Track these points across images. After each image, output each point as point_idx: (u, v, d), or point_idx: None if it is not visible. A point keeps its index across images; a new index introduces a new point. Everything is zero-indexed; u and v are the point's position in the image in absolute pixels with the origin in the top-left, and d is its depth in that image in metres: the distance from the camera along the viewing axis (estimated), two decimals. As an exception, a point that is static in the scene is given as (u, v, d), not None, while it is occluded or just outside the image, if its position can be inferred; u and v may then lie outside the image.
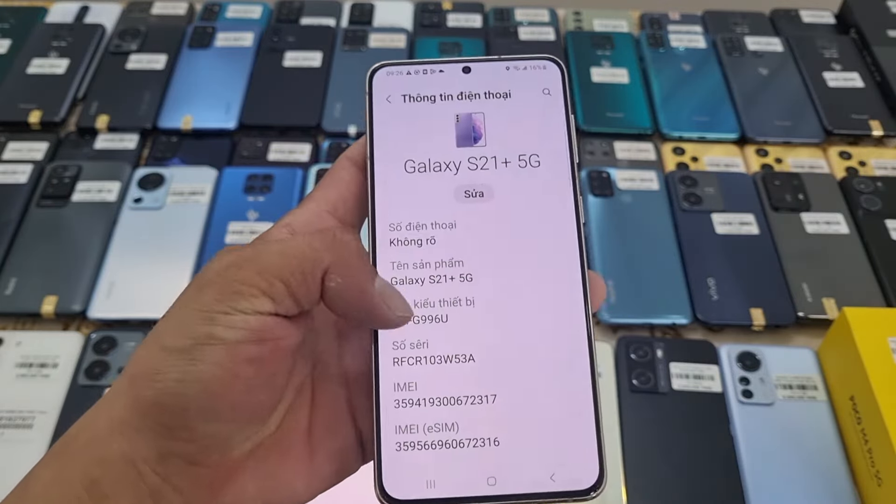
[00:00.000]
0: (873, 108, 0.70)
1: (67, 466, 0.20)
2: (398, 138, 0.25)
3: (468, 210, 0.24)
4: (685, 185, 0.63)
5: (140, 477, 0.20)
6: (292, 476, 0.22)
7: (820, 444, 0.49)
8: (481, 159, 0.25)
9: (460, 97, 0.26)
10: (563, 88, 0.26)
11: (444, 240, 0.24)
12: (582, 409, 0.23)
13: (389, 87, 0.26)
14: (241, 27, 0.77)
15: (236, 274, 0.21)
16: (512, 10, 0.80)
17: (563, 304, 0.23)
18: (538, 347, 0.23)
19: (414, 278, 0.24)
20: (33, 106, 0.69)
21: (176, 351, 0.20)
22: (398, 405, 0.22)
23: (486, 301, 0.23)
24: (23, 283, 0.57)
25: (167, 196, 0.62)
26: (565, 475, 0.22)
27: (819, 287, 0.57)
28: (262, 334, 0.20)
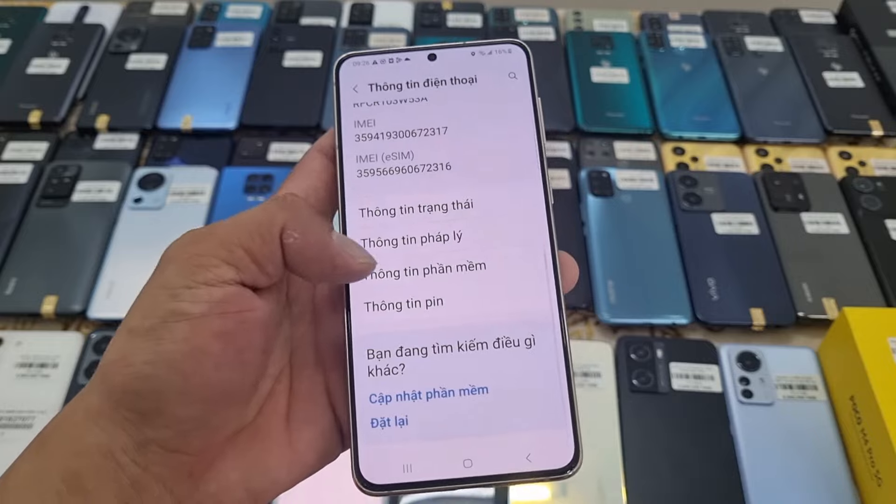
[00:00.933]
0: (873, 108, 0.70)
1: (46, 460, 0.20)
2: (365, 104, 0.26)
3: (438, 196, 0.25)
4: (685, 185, 0.63)
5: (119, 468, 0.20)
6: (274, 463, 0.22)
7: (820, 444, 0.49)
8: (449, 145, 0.25)
9: (426, 84, 0.26)
10: (528, 71, 0.27)
11: (415, 222, 0.24)
12: (555, 388, 0.23)
13: (356, 76, 0.26)
14: (241, 27, 0.77)
15: (196, 248, 0.21)
16: (512, 10, 0.80)
17: (534, 283, 0.24)
18: (509, 327, 0.23)
19: (386, 263, 0.24)
20: (33, 106, 0.69)
21: (142, 332, 0.20)
22: (373, 396, 0.23)
23: (457, 282, 0.24)
24: (23, 283, 0.57)
25: (167, 196, 0.62)
26: (541, 455, 0.22)
27: (819, 287, 0.57)
28: (227, 306, 0.20)
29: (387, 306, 0.23)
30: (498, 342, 0.23)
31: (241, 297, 0.21)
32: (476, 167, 0.25)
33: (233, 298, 0.21)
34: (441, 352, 0.23)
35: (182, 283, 0.20)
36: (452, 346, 0.23)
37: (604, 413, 0.50)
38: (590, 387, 0.52)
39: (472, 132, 0.26)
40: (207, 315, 0.20)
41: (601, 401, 0.51)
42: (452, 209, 0.25)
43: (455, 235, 0.24)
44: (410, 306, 0.23)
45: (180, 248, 0.21)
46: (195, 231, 0.21)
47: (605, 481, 0.47)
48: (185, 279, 0.20)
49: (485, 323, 0.23)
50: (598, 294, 0.56)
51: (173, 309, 0.20)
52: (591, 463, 0.48)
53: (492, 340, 0.23)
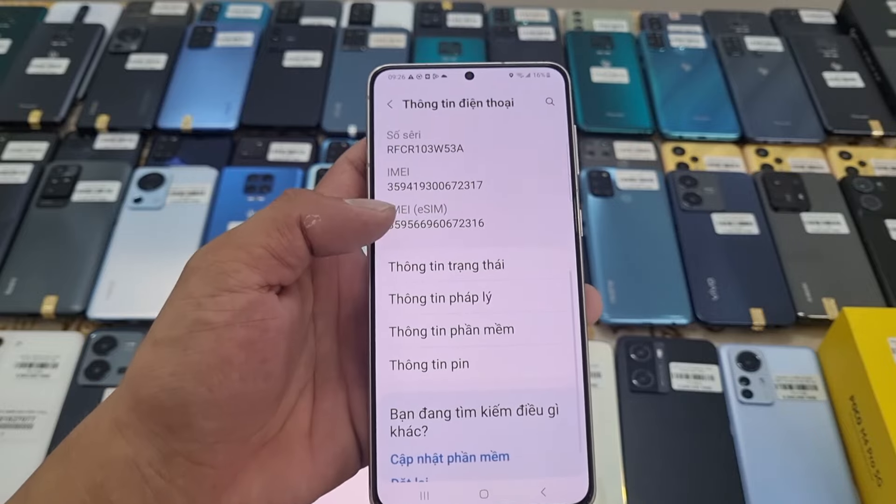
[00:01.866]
0: (873, 108, 0.70)
1: (70, 470, 0.20)
2: (399, 149, 0.25)
3: (469, 254, 0.24)
4: (685, 185, 0.63)
5: (144, 480, 0.20)
6: (295, 477, 0.22)
7: (820, 444, 0.49)
8: (482, 199, 0.25)
9: (462, 104, 0.26)
10: (566, 97, 0.26)
11: (444, 280, 0.24)
12: (574, 424, 0.23)
13: (391, 91, 0.26)
14: (241, 27, 0.77)
15: (216, 255, 0.21)
16: (512, 10, 0.80)
17: (561, 350, 0.24)
18: (534, 394, 0.23)
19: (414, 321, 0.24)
20: (33, 106, 0.69)
21: (168, 343, 0.20)
22: (395, 457, 0.23)
23: (484, 345, 0.24)
24: (23, 283, 0.57)
25: (167, 196, 0.62)
26: (556, 489, 0.22)
27: (819, 287, 0.57)
28: (250, 314, 0.20)
29: (412, 366, 0.23)
30: (522, 409, 0.23)
31: (264, 304, 0.21)
32: (509, 224, 0.24)
33: (256, 306, 0.21)
34: (464, 416, 0.23)
35: (205, 291, 0.20)
36: (476, 411, 0.23)
37: (604, 413, 0.50)
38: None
39: (507, 181, 0.25)
40: (231, 324, 0.20)
41: (601, 401, 0.51)
42: (483, 269, 0.24)
43: (484, 296, 0.24)
44: (436, 367, 0.23)
45: (201, 257, 0.21)
46: (214, 240, 0.22)
47: (605, 481, 0.47)
48: (208, 287, 0.20)
49: (509, 389, 0.23)
50: (598, 294, 0.56)
51: (197, 318, 0.20)
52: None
53: (515, 407, 0.23)
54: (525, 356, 0.23)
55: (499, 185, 0.25)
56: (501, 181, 0.25)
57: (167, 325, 0.20)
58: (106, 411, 0.21)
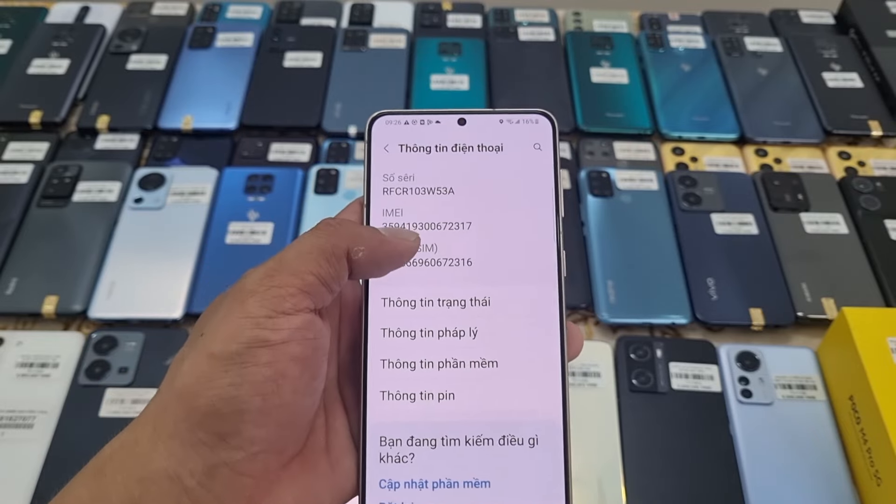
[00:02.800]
0: (872, 109, 0.70)
1: (105, 486, 0.21)
2: (394, 191, 0.27)
3: (457, 292, 0.26)
4: (685, 186, 0.63)
5: (184, 492, 0.20)
6: (321, 489, 0.24)
7: (819, 443, 0.49)
8: (471, 239, 0.26)
9: (454, 149, 0.27)
10: (553, 143, 0.28)
11: (433, 316, 0.26)
12: (553, 455, 0.24)
13: (388, 135, 0.28)
14: (242, 27, 0.77)
15: (272, 281, 0.22)
16: (512, 11, 0.80)
17: (542, 384, 0.25)
18: (515, 426, 0.25)
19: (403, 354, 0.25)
20: (34, 106, 0.69)
21: (227, 356, 0.21)
22: (383, 482, 0.24)
23: (469, 378, 0.25)
24: (23, 282, 0.57)
25: (168, 196, 0.62)
26: None
27: (818, 287, 0.57)
28: (305, 332, 0.22)
29: (401, 396, 0.25)
30: (504, 439, 0.24)
31: (315, 325, 0.23)
32: (496, 263, 0.26)
33: (309, 325, 0.22)
34: (449, 445, 0.24)
35: (263, 313, 0.22)
36: (460, 440, 0.24)
37: (603, 413, 0.50)
38: (589, 387, 0.52)
39: (495, 220, 0.27)
40: (288, 341, 0.22)
41: (601, 400, 0.51)
42: (470, 305, 0.26)
43: (471, 332, 0.25)
44: (424, 398, 0.25)
45: (259, 281, 0.22)
46: (266, 265, 0.23)
47: (604, 481, 0.48)
48: (265, 310, 0.22)
49: (492, 420, 0.25)
50: (597, 294, 0.56)
51: (256, 336, 0.21)
52: (591, 463, 0.48)
53: (498, 437, 0.24)
54: (508, 389, 0.25)
55: (487, 226, 0.27)
56: (489, 223, 0.27)
57: (226, 339, 0.21)
58: (146, 425, 0.21)
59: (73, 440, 0.49)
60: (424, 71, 0.73)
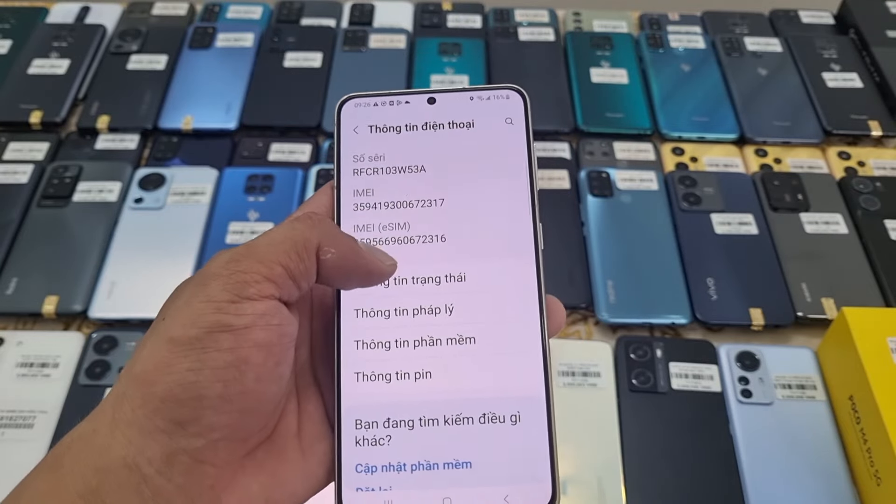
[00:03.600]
0: (872, 109, 0.70)
1: (63, 477, 0.20)
2: (364, 171, 0.27)
3: (431, 269, 0.25)
4: (684, 186, 0.63)
5: (143, 480, 0.20)
6: (290, 476, 0.23)
7: (819, 443, 0.49)
8: (444, 215, 0.26)
9: (424, 127, 0.27)
10: (524, 117, 0.27)
11: (407, 294, 0.25)
12: (537, 431, 0.23)
13: (357, 117, 0.27)
14: (242, 28, 0.77)
15: (237, 266, 0.22)
16: (512, 11, 0.80)
17: (522, 359, 0.24)
18: (496, 402, 0.24)
19: (378, 334, 0.25)
20: (34, 106, 0.69)
21: (186, 341, 0.20)
22: (359, 466, 0.23)
23: (447, 355, 0.24)
24: (24, 282, 0.57)
25: (168, 196, 0.62)
26: (519, 496, 0.23)
27: (818, 287, 0.57)
28: (269, 319, 0.21)
29: (376, 377, 0.24)
30: (484, 417, 0.23)
31: (281, 312, 0.22)
32: (470, 239, 0.25)
33: (274, 312, 0.22)
34: (427, 425, 0.23)
35: (226, 297, 0.21)
36: (438, 420, 0.23)
37: (603, 413, 0.50)
38: (589, 386, 0.52)
39: (468, 195, 0.26)
40: (251, 327, 0.21)
41: (600, 400, 0.51)
42: (445, 282, 0.25)
43: (447, 309, 0.25)
44: (399, 378, 0.24)
45: (222, 265, 0.22)
46: (234, 250, 0.22)
47: (604, 481, 0.48)
48: (228, 294, 0.21)
49: (472, 398, 0.24)
50: (597, 294, 0.56)
51: (218, 320, 0.21)
52: (591, 463, 0.48)
53: (478, 416, 0.23)
54: (487, 366, 0.24)
55: (460, 202, 0.26)
56: (463, 198, 0.26)
57: (185, 324, 0.21)
58: (104, 414, 0.21)
59: (74, 440, 0.49)
60: (424, 71, 0.73)
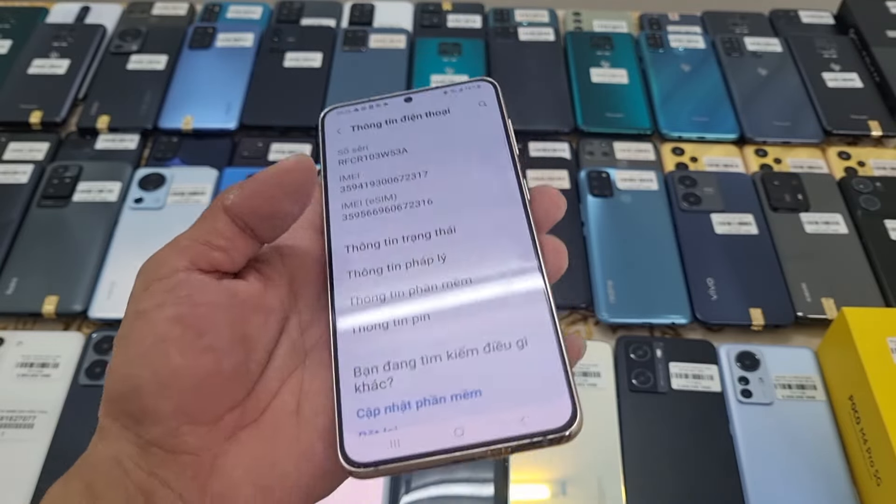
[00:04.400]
0: (872, 109, 0.70)
1: (71, 476, 0.21)
2: (350, 161, 0.28)
3: (421, 227, 0.26)
4: (684, 186, 0.63)
5: (126, 474, 0.21)
6: (281, 457, 0.22)
7: (819, 443, 0.49)
8: (429, 182, 0.27)
9: (403, 119, 0.28)
10: (497, 100, 0.28)
11: (399, 251, 0.25)
12: (547, 352, 0.22)
13: (339, 122, 0.29)
14: (242, 28, 0.77)
15: (152, 259, 0.23)
16: (512, 11, 0.80)
17: (522, 291, 0.24)
18: (499, 332, 0.23)
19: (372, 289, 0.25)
20: (34, 106, 0.69)
21: (118, 344, 0.22)
22: (361, 412, 0.22)
23: (443, 298, 0.24)
24: (24, 282, 0.57)
25: (168, 196, 0.62)
26: (537, 416, 0.21)
27: (818, 287, 0.57)
28: (178, 291, 0.21)
29: (373, 327, 0.24)
30: (488, 347, 0.23)
31: (190, 282, 0.22)
32: (456, 197, 0.26)
33: (182, 284, 0.22)
34: (430, 362, 0.23)
35: (140, 287, 0.22)
36: (441, 356, 0.23)
37: (603, 413, 0.50)
38: (589, 386, 0.52)
39: (450, 164, 0.27)
40: (161, 305, 0.21)
41: (600, 400, 0.51)
42: (435, 236, 0.25)
43: (439, 258, 0.25)
44: (397, 325, 0.24)
45: (143, 263, 0.23)
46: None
47: (604, 481, 0.48)
48: (143, 283, 0.22)
49: (473, 331, 0.23)
50: (597, 294, 0.56)
51: (133, 311, 0.21)
52: (591, 463, 0.48)
53: (482, 346, 0.23)
54: (486, 302, 0.24)
55: (443, 171, 0.27)
56: (446, 168, 0.27)
57: (119, 330, 0.22)
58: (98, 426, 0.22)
59: (73, 440, 0.49)
60: (424, 71, 0.73)
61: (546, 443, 0.21)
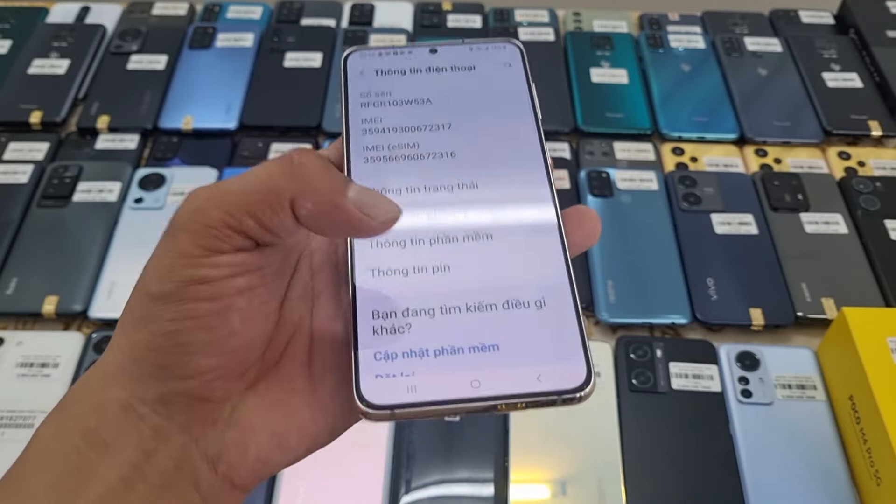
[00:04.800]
0: (872, 109, 0.70)
1: (64, 420, 0.21)
2: (373, 104, 0.27)
3: (443, 179, 0.26)
4: (684, 186, 0.63)
5: (140, 419, 0.20)
6: (298, 406, 0.22)
7: (819, 443, 0.49)
8: (452, 135, 0.27)
9: (428, 70, 0.28)
10: (522, 63, 0.29)
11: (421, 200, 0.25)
12: (564, 314, 0.23)
13: (362, 64, 0.28)
14: (242, 28, 0.77)
15: (204, 218, 0.20)
16: (512, 11, 0.80)
17: (542, 249, 0.24)
18: (519, 289, 0.23)
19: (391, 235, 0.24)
20: (34, 106, 0.69)
21: (164, 295, 0.20)
22: (378, 354, 0.22)
23: (464, 251, 0.24)
24: (24, 282, 0.57)
25: (168, 196, 0.62)
26: (552, 375, 0.21)
27: (818, 287, 0.57)
28: (247, 266, 0.21)
29: (393, 272, 0.24)
30: (507, 304, 0.23)
31: (259, 257, 0.21)
32: (480, 153, 0.26)
33: (251, 260, 0.21)
34: (448, 313, 0.23)
35: (198, 252, 0.20)
36: (460, 308, 0.23)
37: (603, 413, 0.50)
38: (589, 386, 0.52)
39: (475, 120, 0.27)
40: (230, 277, 0.20)
41: (600, 401, 0.51)
42: (458, 189, 0.25)
43: (461, 212, 0.25)
44: (417, 272, 0.24)
45: (189, 215, 0.21)
46: (201, 196, 0.21)
47: (604, 481, 0.48)
48: (200, 249, 0.20)
49: (493, 286, 0.23)
50: (597, 294, 0.56)
51: (193, 275, 0.20)
52: (591, 463, 0.48)
53: (501, 302, 0.23)
54: (506, 259, 0.24)
55: (467, 126, 0.27)
56: (469, 123, 0.27)
57: (162, 278, 0.20)
58: (97, 367, 0.21)
59: (74, 440, 0.49)
60: (424, 71, 0.73)
61: (559, 402, 0.21)
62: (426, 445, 0.49)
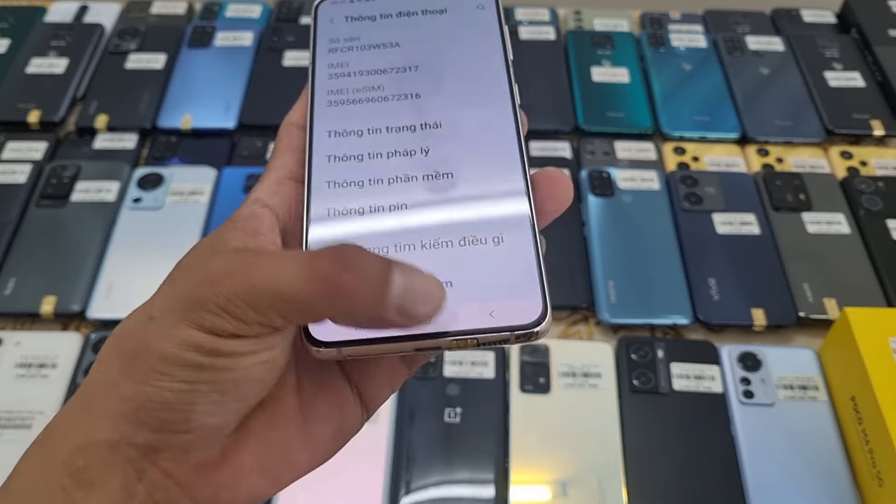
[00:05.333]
0: (874, 108, 0.70)
1: (50, 456, 0.20)
2: (340, 49, 0.27)
3: (406, 119, 0.25)
4: (686, 185, 0.63)
5: (128, 462, 0.20)
6: (288, 442, 0.22)
7: (821, 444, 0.49)
8: (419, 77, 0.26)
9: (398, 15, 0.28)
10: (495, 4, 0.28)
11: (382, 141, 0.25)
12: (522, 251, 0.22)
13: (333, 12, 0.28)
14: (241, 26, 0.77)
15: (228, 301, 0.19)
16: (512, 10, 0.80)
17: (503, 190, 0.24)
18: (476, 228, 0.23)
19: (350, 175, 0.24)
20: (32, 105, 0.69)
21: (181, 362, 0.19)
22: None
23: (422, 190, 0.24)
24: (22, 283, 0.56)
25: (166, 196, 0.62)
26: (506, 311, 0.21)
27: (820, 287, 0.57)
28: (269, 343, 0.20)
29: (348, 212, 0.23)
30: (464, 240, 0.23)
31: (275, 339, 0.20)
32: (446, 94, 0.26)
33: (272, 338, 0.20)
34: (403, 250, 0.23)
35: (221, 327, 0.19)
36: (415, 245, 0.23)
37: (604, 414, 0.50)
38: (590, 387, 0.51)
39: (442, 61, 0.27)
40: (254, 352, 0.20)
41: (602, 401, 0.51)
42: (420, 129, 0.25)
43: (422, 151, 0.25)
44: (373, 211, 0.23)
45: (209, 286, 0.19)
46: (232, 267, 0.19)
47: (605, 482, 0.47)
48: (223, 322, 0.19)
49: (451, 224, 0.23)
50: (598, 294, 0.56)
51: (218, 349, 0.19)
52: (592, 464, 0.48)
53: (457, 240, 0.23)
54: (465, 198, 0.23)
55: (434, 66, 0.27)
56: (437, 65, 0.27)
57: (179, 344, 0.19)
58: (92, 396, 0.20)
59: (72, 441, 0.48)
60: (424, 70, 0.73)
61: (513, 339, 0.21)
62: (426, 446, 0.49)
